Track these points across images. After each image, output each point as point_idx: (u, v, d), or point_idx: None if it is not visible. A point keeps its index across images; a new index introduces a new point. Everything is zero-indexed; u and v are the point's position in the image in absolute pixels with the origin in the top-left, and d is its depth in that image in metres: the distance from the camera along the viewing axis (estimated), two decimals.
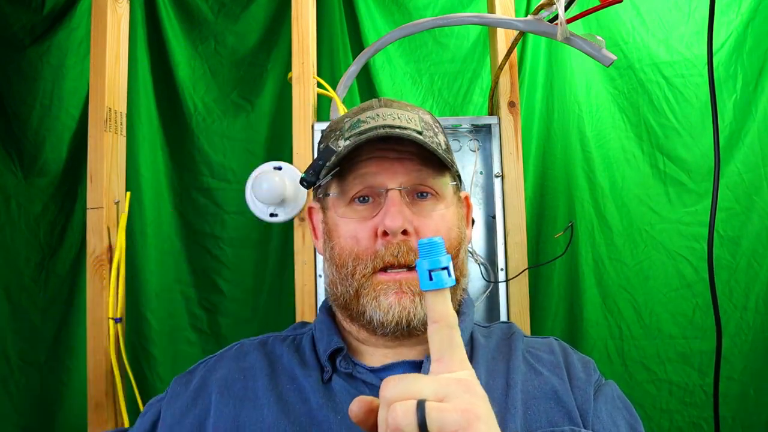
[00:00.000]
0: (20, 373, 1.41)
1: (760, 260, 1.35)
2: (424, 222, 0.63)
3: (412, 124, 0.66)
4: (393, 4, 1.50)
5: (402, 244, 0.61)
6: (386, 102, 0.70)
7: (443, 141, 0.70)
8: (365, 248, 0.62)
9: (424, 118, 0.69)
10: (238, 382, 0.65)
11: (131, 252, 1.40)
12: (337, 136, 0.68)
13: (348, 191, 0.65)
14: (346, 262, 0.63)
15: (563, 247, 1.30)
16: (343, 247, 0.64)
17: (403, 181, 0.63)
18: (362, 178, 0.64)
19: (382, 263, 0.61)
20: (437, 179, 0.66)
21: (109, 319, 1.08)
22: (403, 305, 0.60)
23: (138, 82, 1.45)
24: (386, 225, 0.61)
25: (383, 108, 0.68)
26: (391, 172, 0.63)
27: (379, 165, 0.63)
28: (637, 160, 1.42)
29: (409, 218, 0.62)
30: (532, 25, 1.05)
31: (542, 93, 1.45)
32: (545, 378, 0.65)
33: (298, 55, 1.18)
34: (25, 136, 1.46)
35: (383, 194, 0.63)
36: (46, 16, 1.47)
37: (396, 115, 0.66)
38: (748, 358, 1.33)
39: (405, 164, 0.63)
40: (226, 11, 1.50)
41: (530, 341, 0.73)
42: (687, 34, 1.41)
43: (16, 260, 1.44)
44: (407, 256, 0.61)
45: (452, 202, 0.68)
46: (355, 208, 0.65)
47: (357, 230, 0.63)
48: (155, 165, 1.46)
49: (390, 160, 0.63)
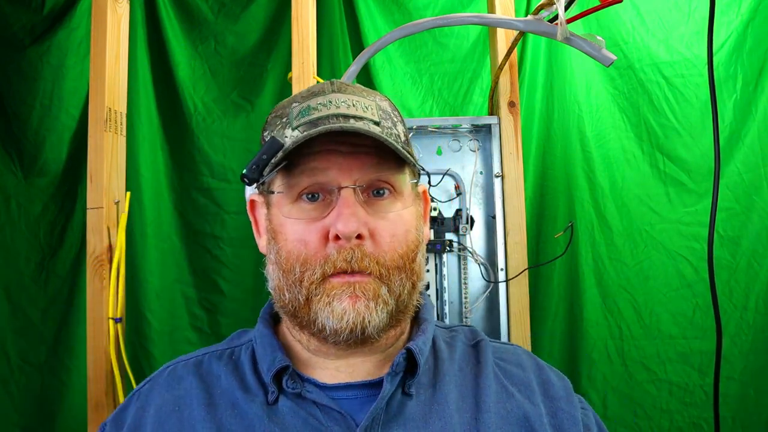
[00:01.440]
0: (20, 372, 1.41)
1: (760, 260, 1.35)
2: (380, 224, 0.56)
3: (368, 113, 0.58)
4: (393, 4, 1.50)
5: (356, 248, 0.55)
6: (340, 86, 0.61)
7: (402, 131, 0.62)
8: (314, 252, 0.56)
9: (381, 106, 0.61)
10: (172, 415, 0.58)
11: (131, 252, 1.40)
12: (284, 124, 0.59)
13: (294, 187, 0.57)
14: (293, 267, 0.56)
15: (563, 247, 1.30)
16: (290, 250, 0.57)
17: (358, 178, 0.56)
18: (311, 173, 0.56)
19: (334, 269, 0.55)
20: (396, 175, 0.58)
21: (109, 319, 1.08)
22: (358, 310, 0.54)
23: (138, 82, 1.45)
24: (339, 230, 0.54)
25: (337, 94, 0.59)
26: (344, 167, 0.55)
27: (330, 159, 0.55)
28: (637, 160, 1.42)
29: (363, 220, 0.55)
30: (532, 25, 1.05)
31: (542, 93, 1.45)
32: (517, 401, 0.59)
33: (298, 55, 1.18)
34: (25, 136, 1.46)
35: (335, 192, 0.56)
36: (46, 16, 1.47)
37: (351, 102, 0.58)
38: (748, 358, 1.34)
39: (360, 159, 0.56)
40: (226, 11, 1.50)
41: (498, 349, 0.66)
42: (687, 34, 1.41)
43: (16, 260, 1.44)
44: (361, 262, 0.55)
45: (410, 201, 0.60)
46: (303, 206, 0.57)
47: (305, 232, 0.56)
48: (155, 165, 1.46)
49: (343, 154, 0.56)
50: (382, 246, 0.56)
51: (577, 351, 1.38)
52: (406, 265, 0.57)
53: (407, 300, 0.59)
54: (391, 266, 0.56)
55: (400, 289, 0.57)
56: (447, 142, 1.21)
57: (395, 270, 0.56)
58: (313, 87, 0.62)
